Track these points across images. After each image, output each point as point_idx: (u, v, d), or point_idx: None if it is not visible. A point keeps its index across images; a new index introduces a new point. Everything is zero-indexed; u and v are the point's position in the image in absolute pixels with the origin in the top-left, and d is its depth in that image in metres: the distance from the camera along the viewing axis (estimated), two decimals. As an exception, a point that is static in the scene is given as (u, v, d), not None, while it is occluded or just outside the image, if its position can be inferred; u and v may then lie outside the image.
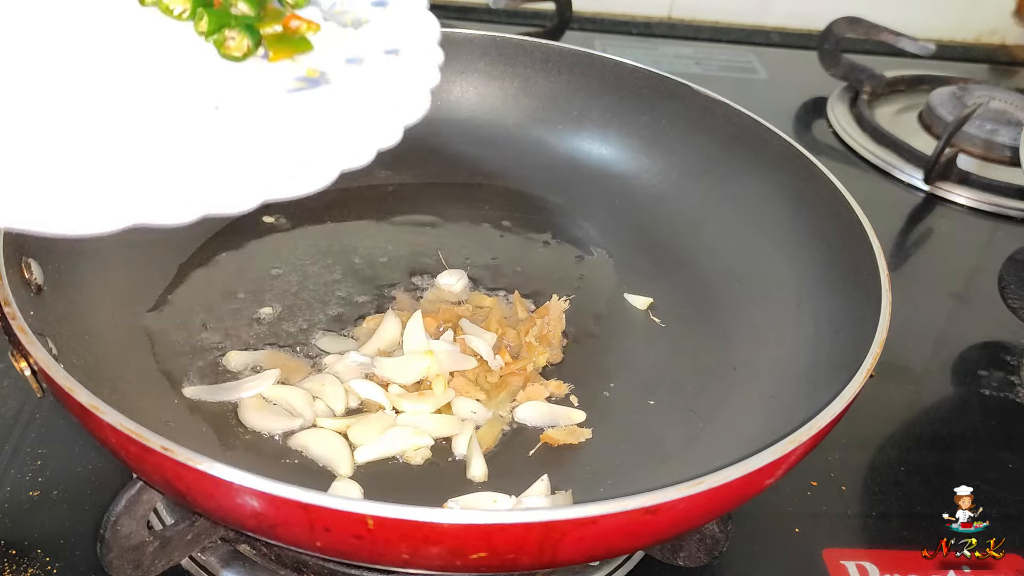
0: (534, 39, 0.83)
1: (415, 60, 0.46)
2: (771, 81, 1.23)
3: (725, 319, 0.68)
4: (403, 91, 0.44)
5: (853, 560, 0.59)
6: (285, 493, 0.39)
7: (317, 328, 0.64)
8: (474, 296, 0.69)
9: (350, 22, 0.49)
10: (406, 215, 0.77)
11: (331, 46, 0.47)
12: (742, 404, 0.61)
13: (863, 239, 0.61)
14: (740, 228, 0.73)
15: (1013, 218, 0.98)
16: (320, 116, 0.42)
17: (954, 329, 0.83)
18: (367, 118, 0.42)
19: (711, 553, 0.53)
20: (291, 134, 0.41)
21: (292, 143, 0.40)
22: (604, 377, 0.64)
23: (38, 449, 0.60)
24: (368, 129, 0.41)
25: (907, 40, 1.17)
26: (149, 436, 0.41)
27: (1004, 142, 1.04)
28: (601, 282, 0.73)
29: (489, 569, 0.43)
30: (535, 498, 0.54)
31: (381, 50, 0.46)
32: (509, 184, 0.81)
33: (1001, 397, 0.75)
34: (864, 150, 1.07)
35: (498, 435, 0.59)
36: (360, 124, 0.41)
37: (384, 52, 0.46)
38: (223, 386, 0.59)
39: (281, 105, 0.43)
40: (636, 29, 1.31)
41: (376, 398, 0.59)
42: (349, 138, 0.40)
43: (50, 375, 0.44)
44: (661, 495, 0.41)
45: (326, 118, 0.42)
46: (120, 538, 0.48)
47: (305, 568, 0.53)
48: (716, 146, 0.76)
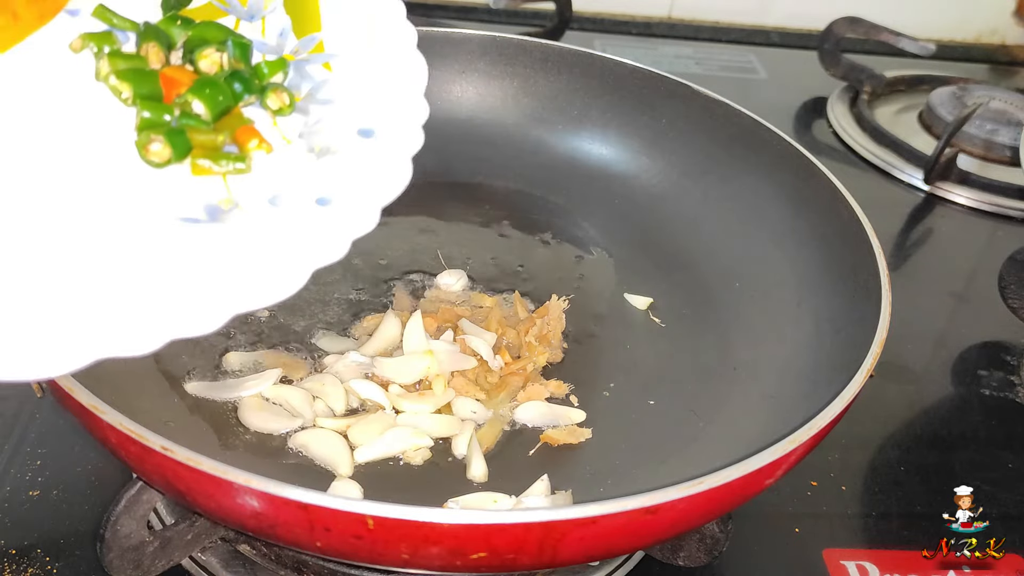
0: (534, 39, 0.83)
1: (343, 211, 0.40)
2: (771, 81, 1.23)
3: (725, 319, 0.68)
4: (305, 240, 0.39)
5: (853, 560, 0.59)
6: (285, 493, 0.39)
7: (317, 328, 0.64)
8: (474, 296, 0.69)
9: (318, 148, 0.44)
10: (406, 215, 0.77)
11: (271, 173, 0.42)
12: (742, 404, 0.61)
13: (863, 239, 0.61)
14: (740, 228, 0.73)
15: (1013, 218, 0.98)
16: (215, 252, 0.38)
17: (954, 329, 0.83)
18: (256, 262, 0.38)
19: (711, 553, 0.53)
20: (180, 269, 0.37)
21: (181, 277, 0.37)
22: (604, 377, 0.64)
23: (38, 449, 0.60)
24: (258, 274, 0.38)
25: (907, 40, 1.16)
26: (149, 436, 0.41)
27: (1004, 142, 1.04)
28: (601, 282, 0.73)
29: (489, 569, 0.43)
30: (535, 498, 0.54)
31: (315, 193, 0.41)
32: (509, 184, 0.81)
33: (1001, 397, 0.75)
34: (864, 150, 1.07)
35: (498, 435, 0.59)
36: (249, 268, 0.38)
37: (315, 200, 0.41)
38: (224, 383, 0.59)
39: (168, 236, 0.39)
40: (636, 29, 1.31)
41: (376, 398, 0.58)
42: (238, 281, 0.37)
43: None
44: (661, 495, 0.41)
45: (219, 255, 0.38)
46: (120, 538, 0.48)
47: (305, 568, 0.53)
48: (716, 146, 0.76)
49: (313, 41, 0.48)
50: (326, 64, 0.47)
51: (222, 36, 0.46)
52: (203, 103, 0.43)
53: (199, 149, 0.42)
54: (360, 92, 0.46)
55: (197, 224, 0.40)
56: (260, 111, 0.45)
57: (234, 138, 0.43)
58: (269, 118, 0.45)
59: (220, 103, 0.44)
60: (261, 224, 0.40)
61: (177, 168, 0.42)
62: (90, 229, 0.39)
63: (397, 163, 0.42)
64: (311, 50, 0.47)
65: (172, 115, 0.43)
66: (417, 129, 0.43)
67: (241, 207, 0.41)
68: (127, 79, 0.43)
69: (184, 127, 0.43)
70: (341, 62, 0.47)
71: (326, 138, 0.44)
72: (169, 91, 0.44)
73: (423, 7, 1.25)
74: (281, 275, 0.37)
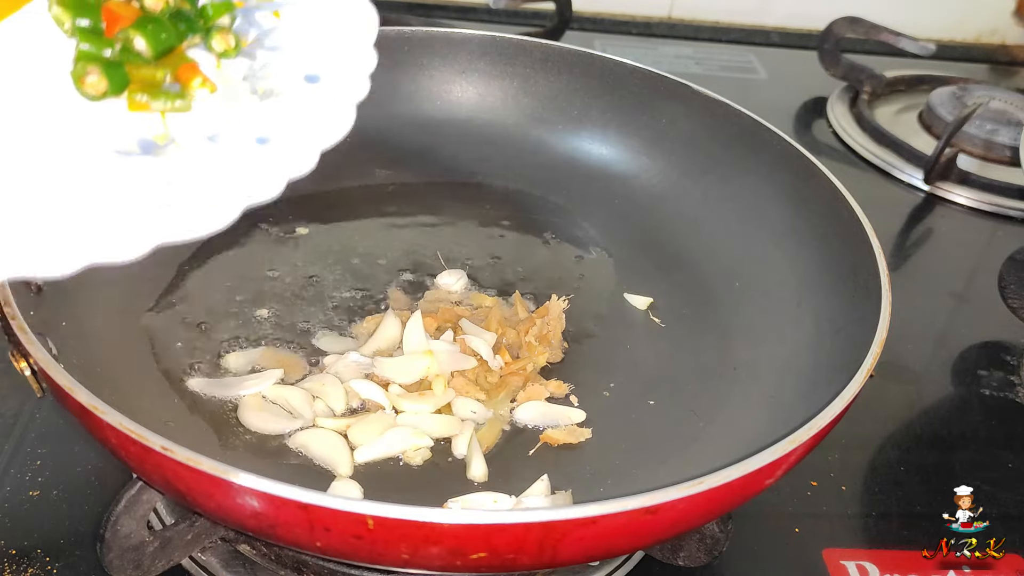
0: (534, 39, 0.83)
1: (281, 151, 0.41)
2: (771, 81, 1.23)
3: (725, 319, 0.68)
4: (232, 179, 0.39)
5: (853, 560, 0.59)
6: (285, 493, 0.39)
7: (317, 328, 0.64)
8: (474, 296, 0.69)
9: (262, 91, 0.43)
10: (406, 215, 0.77)
11: (212, 112, 0.42)
12: (742, 404, 0.61)
13: (863, 239, 0.61)
14: (740, 228, 0.73)
15: (1013, 218, 0.98)
16: (146, 182, 0.38)
17: (954, 329, 0.83)
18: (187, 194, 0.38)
19: (711, 553, 0.53)
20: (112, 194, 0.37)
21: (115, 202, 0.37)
22: (604, 377, 0.64)
23: (38, 449, 0.60)
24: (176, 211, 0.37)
25: (907, 40, 1.16)
26: (149, 436, 0.41)
27: (1004, 142, 1.04)
28: (601, 282, 0.73)
29: (489, 569, 0.43)
30: (535, 498, 0.54)
31: (255, 133, 0.41)
32: (509, 184, 0.81)
33: (1001, 397, 0.75)
34: (864, 150, 1.07)
35: (498, 435, 0.59)
36: (179, 200, 0.38)
37: (256, 138, 0.41)
38: (226, 380, 0.59)
39: (100, 166, 0.39)
40: (636, 29, 1.31)
41: (376, 398, 0.59)
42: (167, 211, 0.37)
43: (50, 375, 0.44)
44: (661, 495, 0.41)
45: (150, 186, 0.38)
46: (120, 538, 0.48)
47: (305, 568, 0.53)
48: (716, 146, 0.76)
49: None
50: (275, 12, 0.47)
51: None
52: (145, 40, 0.42)
53: (137, 84, 0.42)
54: (308, 39, 0.46)
55: (131, 157, 0.40)
56: (204, 52, 0.44)
57: (176, 76, 0.43)
58: (213, 60, 0.44)
59: (163, 41, 0.43)
60: (196, 158, 0.40)
61: (115, 102, 0.42)
62: (19, 153, 0.39)
63: (341, 108, 0.42)
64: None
65: (113, 49, 0.42)
66: (364, 77, 0.43)
67: (177, 143, 0.41)
68: (68, 7, 0.42)
69: (123, 61, 0.42)
70: (290, 10, 0.47)
71: (271, 82, 0.44)
72: (112, 25, 0.43)
73: (423, 7, 1.26)
74: (212, 208, 0.37)
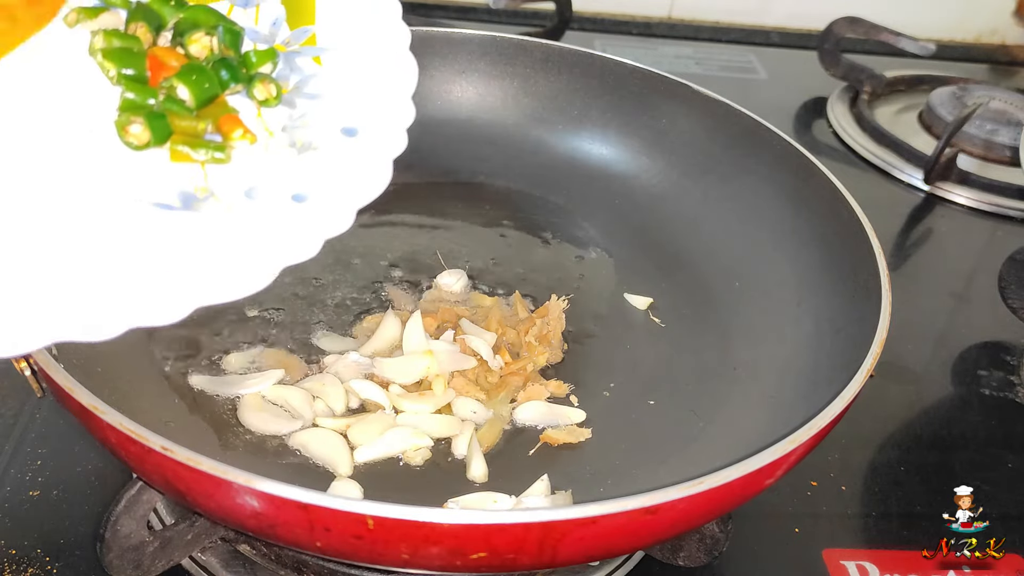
0: (534, 39, 0.83)
1: (318, 210, 0.40)
2: (771, 81, 1.23)
3: (725, 319, 0.68)
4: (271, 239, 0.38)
5: (853, 560, 0.59)
6: (285, 493, 0.39)
7: (317, 328, 0.64)
8: (474, 296, 0.69)
9: (300, 143, 0.43)
10: (406, 215, 0.77)
11: (250, 164, 0.42)
12: (742, 404, 0.61)
13: (863, 239, 0.61)
14: (740, 228, 0.73)
15: (1013, 218, 0.98)
16: (184, 241, 0.38)
17: (954, 329, 0.83)
18: (224, 255, 0.38)
19: (711, 553, 0.53)
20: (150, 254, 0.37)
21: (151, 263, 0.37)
22: (604, 377, 0.64)
23: (38, 449, 0.60)
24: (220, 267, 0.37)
25: (907, 40, 1.16)
26: (149, 436, 0.41)
27: (1004, 142, 1.04)
28: (601, 282, 0.73)
29: (489, 569, 0.43)
30: (535, 498, 0.54)
31: (293, 189, 0.41)
32: (509, 184, 0.81)
33: (1001, 397, 0.75)
34: (864, 150, 1.07)
35: (498, 435, 0.59)
36: (217, 261, 0.37)
37: (292, 196, 0.41)
38: (227, 379, 0.59)
39: (139, 221, 0.38)
40: (636, 29, 1.31)
41: (376, 398, 0.59)
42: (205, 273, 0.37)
43: (50, 375, 0.44)
44: (661, 495, 0.41)
45: (188, 245, 0.38)
46: (120, 538, 0.48)
47: (305, 568, 0.53)
48: (716, 146, 0.76)
49: (305, 34, 0.47)
50: (316, 58, 0.46)
51: (214, 21, 0.46)
52: (189, 89, 0.43)
53: (179, 135, 0.42)
54: (348, 90, 0.45)
55: (170, 211, 0.39)
56: (246, 100, 0.45)
57: (217, 126, 0.43)
58: (254, 108, 0.45)
59: (206, 90, 0.43)
60: (234, 216, 0.40)
61: (156, 152, 0.42)
62: (60, 208, 0.39)
63: (377, 165, 0.42)
64: (302, 42, 0.47)
65: (156, 98, 0.42)
66: (401, 132, 0.43)
67: (216, 197, 0.40)
68: (113, 58, 0.43)
69: (166, 111, 0.42)
70: (331, 57, 0.47)
71: (309, 133, 0.44)
72: (156, 73, 0.43)
73: (423, 7, 1.26)
74: (249, 270, 0.37)
